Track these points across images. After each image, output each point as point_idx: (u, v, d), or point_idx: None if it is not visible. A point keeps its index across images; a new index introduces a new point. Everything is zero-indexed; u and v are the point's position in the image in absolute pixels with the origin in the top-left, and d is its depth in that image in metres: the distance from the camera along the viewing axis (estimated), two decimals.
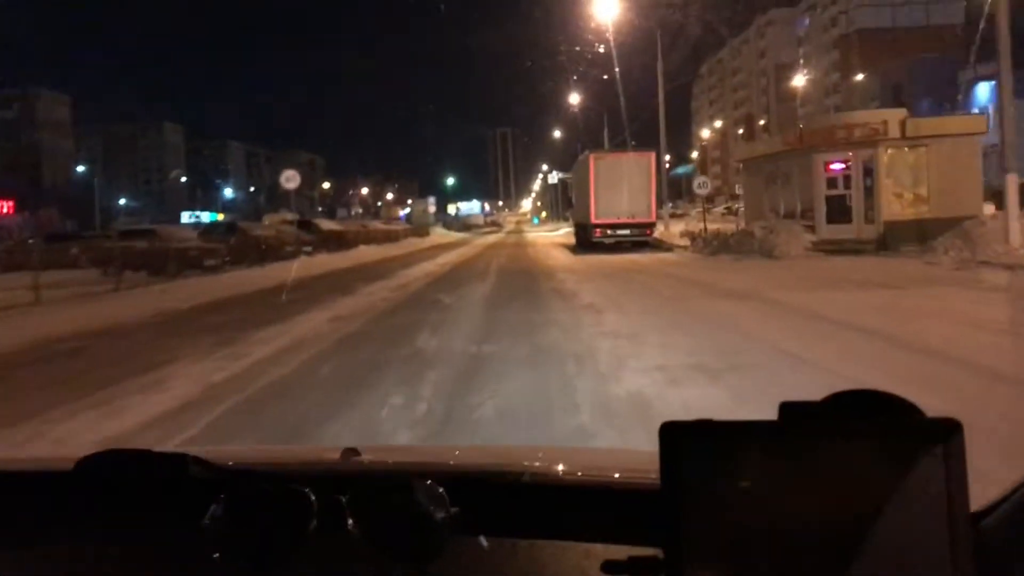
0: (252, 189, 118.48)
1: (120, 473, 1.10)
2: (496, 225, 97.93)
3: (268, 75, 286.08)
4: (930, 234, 17.16)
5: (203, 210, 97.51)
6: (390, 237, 41.83)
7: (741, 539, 0.73)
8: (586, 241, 26.77)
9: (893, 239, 18.86)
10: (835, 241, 19.69)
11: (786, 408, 0.75)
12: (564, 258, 24.19)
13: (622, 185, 25.30)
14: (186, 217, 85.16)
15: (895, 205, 19.80)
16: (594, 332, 8.40)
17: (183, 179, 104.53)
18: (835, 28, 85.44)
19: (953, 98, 45.64)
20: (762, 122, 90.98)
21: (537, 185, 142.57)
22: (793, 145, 22.03)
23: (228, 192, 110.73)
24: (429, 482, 0.91)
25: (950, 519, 0.71)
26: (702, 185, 30.52)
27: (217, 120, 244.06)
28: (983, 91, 43.35)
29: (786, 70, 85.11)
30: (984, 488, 0.83)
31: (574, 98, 52.58)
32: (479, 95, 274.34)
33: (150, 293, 15.65)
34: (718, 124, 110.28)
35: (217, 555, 0.86)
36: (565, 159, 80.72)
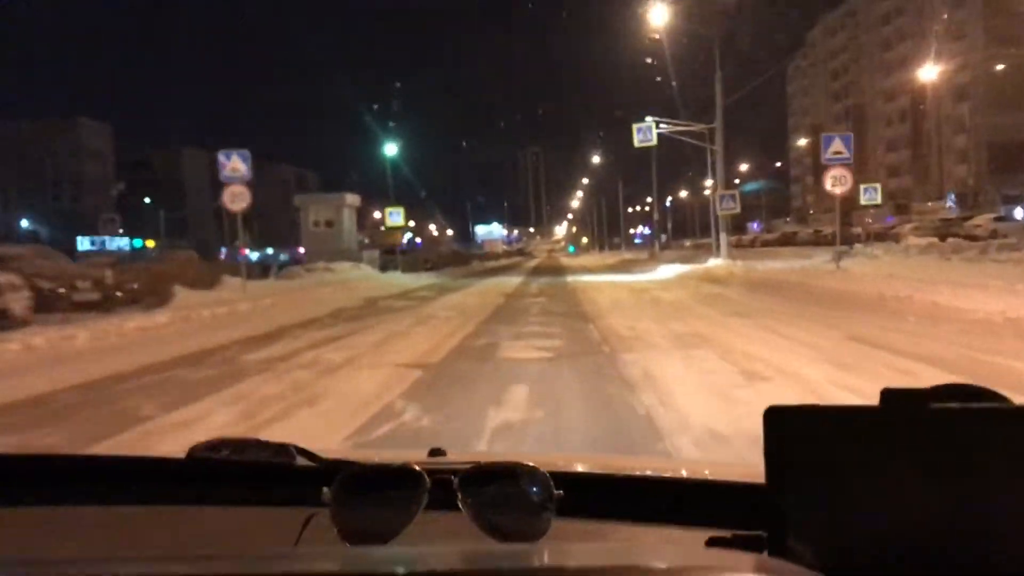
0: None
1: (229, 459, 1.15)
2: (522, 255, 77.03)
3: (248, 67, 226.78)
4: None
5: (137, 236, 67.01)
6: None
7: (843, 521, 0.75)
8: None
9: None
10: None
11: (888, 394, 0.78)
12: None
13: None
14: (86, 244, 55.14)
15: None
16: None
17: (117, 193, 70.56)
18: None
19: None
20: None
21: (577, 202, 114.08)
22: None
23: None
24: (533, 464, 0.93)
25: None
26: None
27: (165, 121, 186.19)
28: None
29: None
30: None
31: None
32: (507, 109, 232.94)
33: None
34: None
35: (335, 529, 0.88)
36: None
